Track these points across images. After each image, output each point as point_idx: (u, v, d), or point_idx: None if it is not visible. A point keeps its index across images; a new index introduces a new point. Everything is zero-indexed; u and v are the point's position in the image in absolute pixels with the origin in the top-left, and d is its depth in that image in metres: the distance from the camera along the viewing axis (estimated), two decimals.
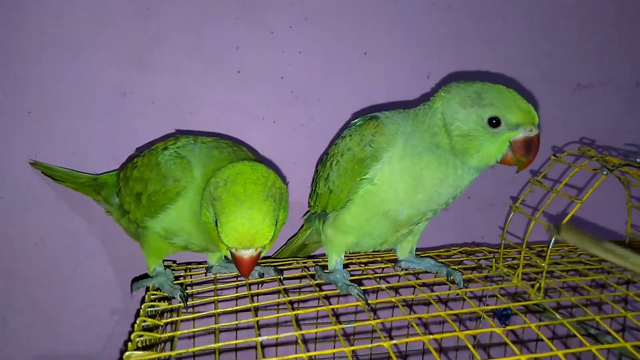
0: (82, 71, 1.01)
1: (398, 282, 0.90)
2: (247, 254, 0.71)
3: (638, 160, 0.81)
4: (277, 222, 0.72)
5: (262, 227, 0.69)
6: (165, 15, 1.03)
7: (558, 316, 0.73)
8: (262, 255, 0.74)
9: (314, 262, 1.00)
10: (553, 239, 0.79)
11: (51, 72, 1.00)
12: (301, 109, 1.14)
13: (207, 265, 0.98)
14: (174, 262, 1.05)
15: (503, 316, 1.06)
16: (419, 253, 0.99)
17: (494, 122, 0.73)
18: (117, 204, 0.94)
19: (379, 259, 1.00)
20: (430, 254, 1.02)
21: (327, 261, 0.92)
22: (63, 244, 1.06)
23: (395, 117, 0.82)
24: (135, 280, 0.96)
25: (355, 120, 0.86)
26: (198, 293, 0.89)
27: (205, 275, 0.96)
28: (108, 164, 1.03)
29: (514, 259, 0.97)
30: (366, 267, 0.96)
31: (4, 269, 1.04)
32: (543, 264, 0.79)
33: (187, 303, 0.82)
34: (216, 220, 0.70)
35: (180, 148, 0.84)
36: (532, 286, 0.81)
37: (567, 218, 0.79)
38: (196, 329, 0.75)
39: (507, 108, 0.72)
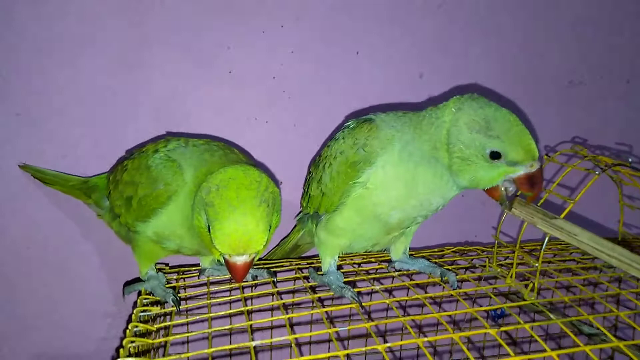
0: (71, 72, 1.00)
1: (392, 283, 0.89)
2: (240, 260, 0.70)
3: (630, 160, 0.81)
4: (270, 226, 0.72)
5: (255, 233, 0.68)
6: (155, 15, 1.01)
7: (552, 316, 0.74)
8: (256, 259, 0.74)
9: (307, 263, 0.99)
10: (547, 239, 0.79)
11: (39, 73, 0.98)
12: (293, 109, 1.13)
13: (199, 268, 0.97)
14: (167, 265, 1.04)
15: (497, 316, 1.07)
16: (412, 253, 0.99)
17: (495, 155, 0.72)
18: (108, 207, 0.93)
19: (372, 259, 1.00)
20: (423, 254, 1.02)
21: (320, 262, 0.92)
22: (54, 247, 1.05)
23: (393, 121, 0.80)
24: (128, 284, 0.95)
25: (349, 122, 0.86)
26: (191, 297, 0.89)
27: (198, 278, 0.95)
28: (98, 167, 1.02)
29: (506, 258, 0.97)
30: (360, 269, 0.95)
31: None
32: (536, 264, 0.79)
33: (180, 307, 0.81)
34: (209, 226, 0.70)
35: (171, 151, 0.83)
36: (526, 286, 0.81)
37: (562, 216, 0.79)
38: (189, 334, 0.74)
39: (511, 145, 0.71)
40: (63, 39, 0.98)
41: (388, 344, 0.65)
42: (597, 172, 0.78)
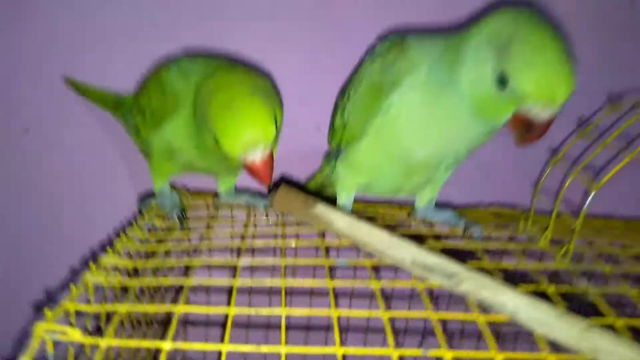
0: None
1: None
2: (258, 156, 0.67)
3: None
4: (276, 119, 0.69)
5: (259, 121, 0.66)
6: (196, 20, 0.99)
7: (581, 283, 0.64)
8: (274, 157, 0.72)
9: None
10: (591, 196, 0.68)
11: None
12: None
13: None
14: (188, 190, 1.04)
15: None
16: None
17: (502, 79, 0.57)
18: (133, 124, 0.94)
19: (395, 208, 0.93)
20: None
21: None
22: (92, 163, 1.08)
23: (425, 41, 0.71)
24: (142, 199, 0.96)
25: (381, 42, 0.77)
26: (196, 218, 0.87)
27: (214, 203, 0.94)
28: None
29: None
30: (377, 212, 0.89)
31: (42, 185, 1.08)
32: (574, 225, 0.69)
33: (184, 225, 0.81)
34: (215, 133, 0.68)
35: (182, 65, 0.82)
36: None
37: (605, 179, 0.67)
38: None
39: (520, 70, 0.55)
40: None
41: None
42: None
